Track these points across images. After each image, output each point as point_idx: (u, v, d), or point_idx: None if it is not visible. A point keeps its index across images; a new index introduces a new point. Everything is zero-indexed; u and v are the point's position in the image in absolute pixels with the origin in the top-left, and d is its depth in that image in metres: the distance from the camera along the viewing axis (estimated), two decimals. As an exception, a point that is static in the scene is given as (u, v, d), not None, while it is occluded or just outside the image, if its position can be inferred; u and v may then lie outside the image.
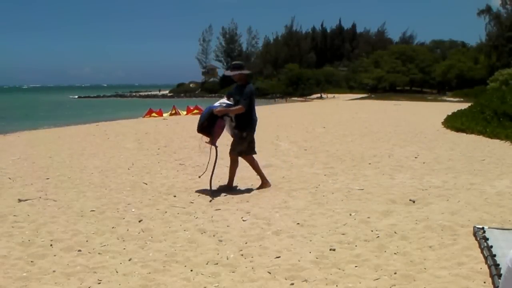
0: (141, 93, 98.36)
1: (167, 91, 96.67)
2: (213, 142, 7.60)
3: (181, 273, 4.34)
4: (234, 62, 7.97)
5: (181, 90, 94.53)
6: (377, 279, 4.16)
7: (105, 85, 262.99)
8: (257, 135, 7.97)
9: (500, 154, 11.32)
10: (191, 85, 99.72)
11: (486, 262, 4.40)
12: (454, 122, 18.15)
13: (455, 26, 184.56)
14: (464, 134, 15.93)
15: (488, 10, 58.10)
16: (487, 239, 4.90)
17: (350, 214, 6.19)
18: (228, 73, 7.79)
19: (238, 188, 7.85)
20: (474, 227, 5.35)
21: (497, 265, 4.17)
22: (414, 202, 6.80)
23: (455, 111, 21.41)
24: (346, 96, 60.50)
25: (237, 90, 7.66)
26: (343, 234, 5.41)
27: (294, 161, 10.57)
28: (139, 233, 5.55)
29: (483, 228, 5.26)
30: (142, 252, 4.91)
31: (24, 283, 4.16)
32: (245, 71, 7.71)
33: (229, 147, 7.81)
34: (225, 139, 8.08)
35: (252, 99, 7.60)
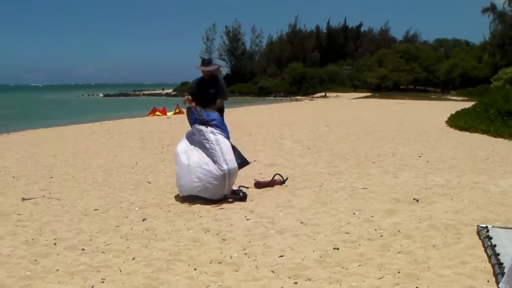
0: (144, 92, 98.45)
1: (170, 90, 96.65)
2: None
3: (185, 272, 4.35)
4: (206, 58, 8.03)
5: (185, 89, 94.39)
6: (380, 278, 4.16)
7: (116, 83, 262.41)
8: (261, 134, 7.96)
9: (504, 153, 11.29)
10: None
11: (489, 261, 4.39)
12: (457, 121, 18.12)
13: (459, 25, 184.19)
14: (468, 133, 15.91)
15: (492, 8, 57.88)
16: (491, 238, 4.89)
17: (354, 213, 6.19)
18: (209, 68, 7.69)
19: (241, 187, 7.83)
20: (478, 226, 5.34)
21: (500, 264, 4.16)
22: (418, 201, 6.80)
23: (459, 110, 21.37)
24: (350, 95, 60.41)
25: (207, 84, 7.62)
26: (346, 233, 5.41)
27: (298, 160, 10.57)
28: (142, 232, 5.56)
29: (486, 227, 5.25)
30: (145, 251, 4.92)
31: (27, 282, 4.17)
32: (217, 66, 7.98)
33: None
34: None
35: (224, 88, 7.74)
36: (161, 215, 6.23)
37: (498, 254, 4.39)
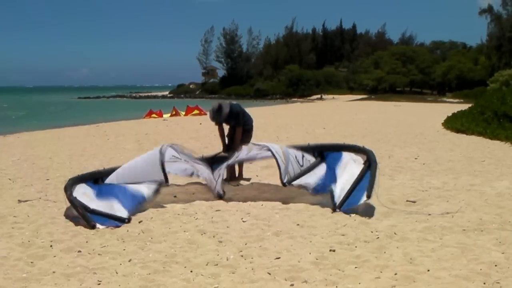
0: (141, 94, 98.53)
1: (167, 92, 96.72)
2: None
3: (181, 274, 4.34)
4: (216, 109, 8.40)
5: (181, 91, 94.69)
6: (377, 278, 4.16)
7: (111, 85, 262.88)
8: (257, 136, 7.98)
9: (500, 155, 11.32)
10: (191, 86, 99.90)
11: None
12: (454, 123, 18.14)
13: (455, 27, 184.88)
14: (464, 135, 15.92)
15: (490, 10, 58.02)
16: None
17: (350, 215, 6.19)
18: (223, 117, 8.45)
19: (238, 188, 7.83)
20: None
21: None
22: (414, 202, 6.81)
23: (455, 112, 21.37)
24: (346, 97, 60.47)
25: (228, 119, 8.50)
26: (343, 235, 5.41)
27: (294, 162, 10.54)
28: (139, 234, 5.55)
29: None
30: (142, 253, 4.91)
31: (24, 284, 4.16)
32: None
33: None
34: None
35: (239, 115, 8.48)
36: (157, 217, 6.22)
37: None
